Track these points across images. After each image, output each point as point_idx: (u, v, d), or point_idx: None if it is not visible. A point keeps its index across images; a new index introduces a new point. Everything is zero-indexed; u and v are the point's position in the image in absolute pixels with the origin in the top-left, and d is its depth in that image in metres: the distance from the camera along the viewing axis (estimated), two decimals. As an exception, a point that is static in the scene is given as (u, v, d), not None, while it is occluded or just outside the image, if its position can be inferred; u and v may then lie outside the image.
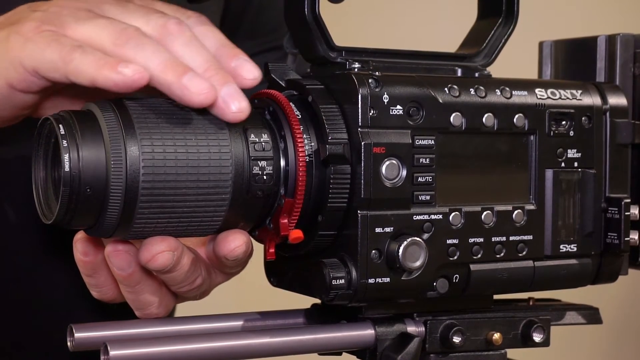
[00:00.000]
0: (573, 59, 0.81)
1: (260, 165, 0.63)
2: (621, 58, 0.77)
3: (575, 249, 0.72)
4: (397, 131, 0.65)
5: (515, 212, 0.70)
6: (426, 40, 1.35)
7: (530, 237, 0.70)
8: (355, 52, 0.69)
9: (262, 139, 0.64)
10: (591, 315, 0.78)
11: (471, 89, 0.69)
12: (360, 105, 0.64)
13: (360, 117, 0.64)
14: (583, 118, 0.73)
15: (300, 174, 0.64)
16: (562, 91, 0.72)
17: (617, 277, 0.76)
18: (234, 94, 0.62)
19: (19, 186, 0.79)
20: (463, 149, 0.68)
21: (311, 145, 0.64)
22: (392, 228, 0.65)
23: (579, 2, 2.02)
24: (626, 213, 0.73)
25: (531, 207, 0.71)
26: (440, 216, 0.67)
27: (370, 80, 0.65)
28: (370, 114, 0.64)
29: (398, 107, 0.65)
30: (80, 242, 0.67)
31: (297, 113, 0.65)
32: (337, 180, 0.64)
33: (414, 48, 0.72)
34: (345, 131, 0.64)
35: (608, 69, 0.77)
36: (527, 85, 0.71)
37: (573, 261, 0.73)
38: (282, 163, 0.64)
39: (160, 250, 0.63)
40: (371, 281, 0.64)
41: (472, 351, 0.71)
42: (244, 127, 0.64)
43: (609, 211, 0.74)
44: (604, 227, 0.74)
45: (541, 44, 0.83)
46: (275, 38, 1.00)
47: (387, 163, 0.65)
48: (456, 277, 0.68)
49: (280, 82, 0.68)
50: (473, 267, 0.68)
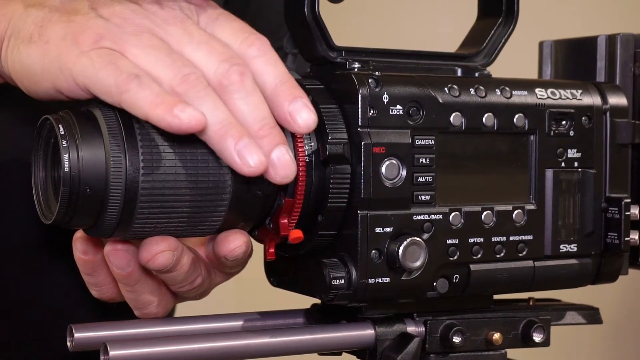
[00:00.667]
0: (573, 59, 0.81)
1: None
2: (621, 58, 0.77)
3: (575, 249, 0.72)
4: (397, 131, 0.65)
5: (515, 212, 0.70)
6: (426, 40, 1.35)
7: (530, 237, 0.70)
8: (355, 52, 0.69)
9: None
10: (591, 315, 0.78)
11: (471, 89, 0.69)
12: (360, 105, 0.64)
13: (360, 117, 0.64)
14: (583, 118, 0.73)
15: (300, 174, 0.64)
16: (562, 91, 0.72)
17: (617, 277, 0.76)
18: (283, 160, 0.60)
19: (19, 186, 0.79)
20: (463, 149, 0.68)
21: (311, 145, 0.64)
22: (392, 228, 0.65)
23: (579, 2, 2.02)
24: (626, 213, 0.73)
25: (531, 207, 0.71)
26: (440, 216, 0.67)
27: (370, 80, 0.65)
28: (370, 114, 0.64)
29: (398, 107, 0.65)
30: (79, 241, 0.67)
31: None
32: (337, 180, 0.64)
33: (414, 48, 0.72)
34: (345, 131, 0.64)
35: (608, 69, 0.77)
36: (527, 85, 0.71)
37: (573, 261, 0.73)
38: (282, 163, 0.64)
39: (160, 250, 0.63)
40: (371, 281, 0.64)
41: (472, 351, 0.71)
42: (244, 127, 0.63)
43: (609, 211, 0.73)
44: (604, 227, 0.74)
45: (541, 44, 0.83)
46: (274, 40, 1.00)
47: (387, 163, 0.65)
48: (456, 277, 0.68)
49: (280, 82, 0.68)
50: (473, 267, 0.68)
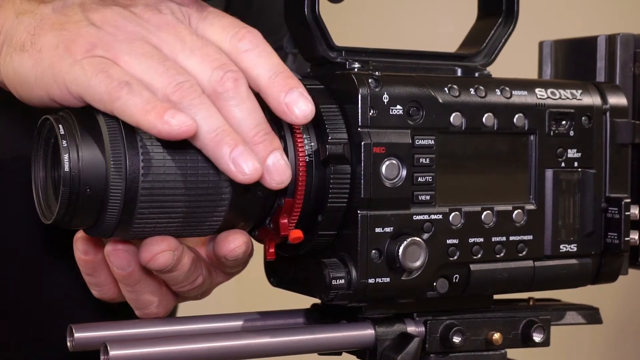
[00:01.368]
0: (573, 59, 0.81)
1: None
2: (621, 58, 0.77)
3: (575, 249, 0.72)
4: (397, 131, 0.65)
5: (515, 212, 0.70)
6: (426, 40, 1.35)
7: (530, 237, 0.70)
8: (355, 52, 0.69)
9: None
10: (591, 315, 0.78)
11: (471, 89, 0.69)
12: (360, 105, 0.64)
13: (360, 117, 0.64)
14: (583, 118, 0.73)
15: (300, 174, 0.64)
16: (562, 91, 0.72)
17: (617, 277, 0.76)
18: (278, 166, 0.60)
19: (19, 186, 0.79)
20: (463, 149, 0.68)
21: (311, 145, 0.64)
22: (392, 228, 0.65)
23: (579, 2, 2.02)
24: (626, 213, 0.73)
25: (531, 207, 0.71)
26: (440, 216, 0.67)
27: (370, 80, 0.65)
28: (370, 114, 0.64)
29: (398, 107, 0.65)
30: (80, 241, 0.67)
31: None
32: (337, 180, 0.64)
33: (414, 48, 0.72)
34: (345, 131, 0.64)
35: (608, 69, 0.77)
36: (527, 85, 0.71)
37: (573, 261, 0.73)
38: (282, 163, 0.64)
39: (160, 250, 0.63)
40: (371, 281, 0.64)
41: (472, 351, 0.71)
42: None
43: (609, 211, 0.73)
44: (604, 227, 0.74)
45: (541, 44, 0.83)
46: (275, 40, 1.00)
47: (387, 163, 0.65)
48: (456, 277, 0.68)
49: (280, 82, 0.68)
50: (473, 267, 0.68)
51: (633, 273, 0.78)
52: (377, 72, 0.66)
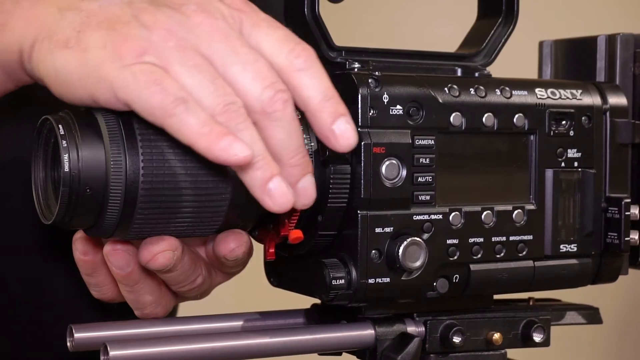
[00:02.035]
0: (573, 59, 0.81)
1: None
2: (621, 58, 0.77)
3: (575, 249, 0.72)
4: (397, 131, 0.65)
5: (515, 212, 0.70)
6: (426, 40, 1.35)
7: (530, 237, 0.70)
8: (355, 52, 0.69)
9: None
10: (591, 315, 0.78)
11: (471, 89, 0.69)
12: (360, 105, 0.64)
13: (360, 117, 0.64)
14: (583, 118, 0.73)
15: (300, 174, 0.64)
16: (562, 91, 0.72)
17: (617, 277, 0.76)
18: (309, 189, 0.60)
19: (19, 186, 0.79)
20: (463, 149, 0.68)
21: (311, 145, 0.64)
22: (392, 228, 0.65)
23: (579, 2, 2.02)
24: (626, 213, 0.73)
25: (531, 207, 0.71)
26: (440, 216, 0.67)
27: (370, 80, 0.65)
28: (370, 114, 0.64)
29: (398, 107, 0.65)
30: (79, 242, 0.67)
31: (297, 113, 0.65)
32: (337, 180, 0.64)
33: (414, 48, 0.72)
34: (345, 131, 0.64)
35: (608, 69, 0.77)
36: (527, 85, 0.71)
37: (573, 261, 0.73)
38: (282, 163, 0.64)
39: (160, 250, 0.63)
40: (371, 281, 0.64)
41: (472, 351, 0.71)
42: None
43: (609, 211, 0.73)
44: (604, 227, 0.74)
45: (541, 44, 0.83)
46: None
47: (387, 163, 0.65)
48: (456, 277, 0.68)
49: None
50: (473, 267, 0.68)
51: (633, 273, 0.78)
52: (377, 72, 0.66)
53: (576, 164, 0.72)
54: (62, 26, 0.60)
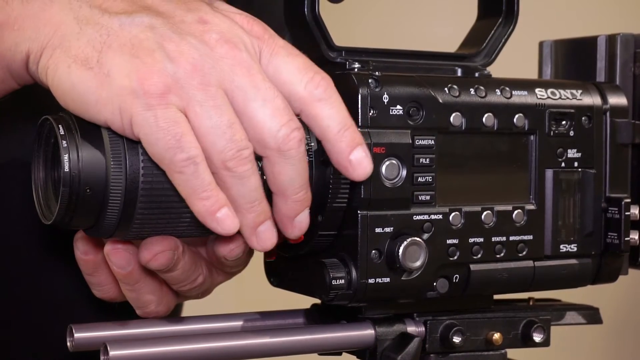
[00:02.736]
0: (573, 59, 0.81)
1: (260, 165, 0.63)
2: (621, 58, 0.77)
3: (575, 249, 0.72)
4: (397, 131, 0.65)
5: (515, 212, 0.70)
6: (426, 40, 1.35)
7: (530, 237, 0.70)
8: (355, 52, 0.69)
9: None
10: (591, 315, 0.78)
11: (471, 89, 0.68)
12: (360, 105, 0.64)
13: (360, 117, 0.64)
14: (583, 118, 0.73)
15: (300, 174, 0.64)
16: (562, 91, 0.72)
17: (617, 277, 0.76)
18: (304, 222, 0.63)
19: (19, 186, 0.79)
20: (463, 149, 0.68)
21: (311, 145, 0.64)
22: (392, 228, 0.65)
23: (579, 2, 2.01)
24: (626, 213, 0.73)
25: (531, 207, 0.71)
26: (440, 216, 0.67)
27: (370, 80, 0.65)
28: (370, 114, 0.64)
29: (398, 107, 0.65)
30: (80, 241, 0.67)
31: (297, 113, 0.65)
32: (337, 180, 0.64)
33: (414, 48, 0.72)
34: (345, 131, 0.64)
35: (608, 69, 0.77)
36: (527, 85, 0.71)
37: (573, 261, 0.73)
38: (283, 163, 0.64)
39: (160, 249, 0.63)
40: (371, 281, 0.64)
41: (472, 351, 0.71)
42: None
43: (609, 211, 0.73)
44: (604, 227, 0.74)
45: (541, 44, 0.83)
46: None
47: (387, 163, 0.65)
48: (456, 277, 0.68)
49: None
50: (473, 267, 0.68)
51: (633, 273, 0.78)
52: (377, 72, 0.66)
53: (576, 164, 0.72)
54: (81, 42, 0.60)
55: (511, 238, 0.70)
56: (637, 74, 0.77)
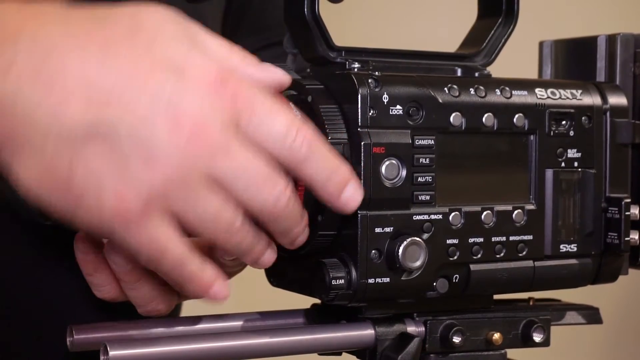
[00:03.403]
0: (573, 59, 0.81)
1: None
2: (621, 58, 0.77)
3: (575, 249, 0.72)
4: (397, 131, 0.65)
5: (515, 212, 0.70)
6: (426, 40, 1.35)
7: (530, 237, 0.70)
8: (355, 52, 0.69)
9: None
10: (591, 315, 0.78)
11: (471, 89, 0.68)
12: (360, 105, 0.64)
13: (360, 117, 0.64)
14: (583, 118, 0.73)
15: (300, 174, 0.64)
16: (562, 91, 0.72)
17: (617, 277, 0.76)
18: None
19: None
20: (463, 149, 0.68)
21: (311, 145, 0.64)
22: (392, 228, 0.65)
23: (579, 2, 2.01)
24: (626, 213, 0.73)
25: (531, 207, 0.71)
26: (440, 216, 0.67)
27: (370, 80, 0.65)
28: (370, 114, 0.64)
29: (398, 107, 0.65)
30: (80, 241, 0.67)
31: (297, 113, 0.65)
32: (337, 180, 0.64)
33: (414, 48, 0.72)
34: (344, 131, 0.64)
35: (608, 69, 0.77)
36: (527, 85, 0.71)
37: (573, 261, 0.73)
38: (282, 163, 0.64)
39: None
40: (371, 281, 0.64)
41: (472, 351, 0.71)
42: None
43: (609, 211, 0.73)
44: (604, 227, 0.74)
45: (541, 44, 0.83)
46: (278, 33, 1.00)
47: (387, 163, 0.65)
48: (456, 277, 0.68)
49: (280, 82, 0.68)
50: (473, 267, 0.68)
51: (633, 273, 0.78)
52: (377, 72, 0.66)
53: (576, 164, 0.72)
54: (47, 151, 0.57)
55: (511, 238, 0.70)
56: (637, 74, 0.77)
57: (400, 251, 0.64)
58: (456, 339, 0.70)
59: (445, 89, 0.67)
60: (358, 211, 0.64)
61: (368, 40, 0.80)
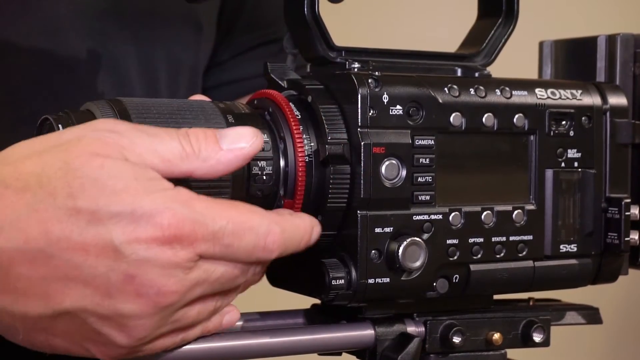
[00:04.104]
0: (573, 59, 0.81)
1: (259, 165, 0.63)
2: (621, 58, 0.77)
3: (575, 249, 0.72)
4: (397, 131, 0.65)
5: (515, 212, 0.70)
6: (426, 40, 1.35)
7: (530, 237, 0.70)
8: (355, 52, 0.69)
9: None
10: (591, 315, 0.78)
11: (471, 89, 0.68)
12: (359, 105, 0.64)
13: (359, 117, 0.64)
14: (583, 118, 0.73)
15: (299, 174, 0.64)
16: (562, 91, 0.72)
17: (617, 277, 0.76)
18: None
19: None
20: (463, 149, 0.68)
21: (311, 145, 0.64)
22: (392, 228, 0.65)
23: (579, 2, 2.01)
24: (626, 213, 0.73)
25: (531, 207, 0.71)
26: (440, 216, 0.67)
27: (369, 80, 0.65)
28: (369, 114, 0.64)
29: (398, 107, 0.65)
30: None
31: (297, 113, 0.65)
32: (337, 180, 0.64)
33: (414, 48, 0.72)
34: (344, 131, 0.64)
35: (608, 69, 0.77)
36: (527, 85, 0.71)
37: (573, 261, 0.73)
38: (282, 163, 0.64)
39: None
40: (371, 281, 0.64)
41: (472, 351, 0.71)
42: (244, 128, 0.63)
43: (609, 211, 0.73)
44: (604, 227, 0.74)
45: (541, 44, 0.83)
46: (273, 31, 1.00)
47: (387, 163, 0.65)
48: (456, 277, 0.68)
49: (280, 83, 0.68)
50: (473, 267, 0.68)
51: (633, 273, 0.78)
52: (377, 72, 0.66)
53: (576, 164, 0.72)
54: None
55: (511, 238, 0.70)
56: (637, 74, 0.77)
57: (400, 251, 0.64)
58: (456, 339, 0.70)
59: (445, 89, 0.67)
60: (358, 211, 0.64)
61: (368, 40, 0.80)
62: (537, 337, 0.72)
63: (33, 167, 0.56)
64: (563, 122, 0.72)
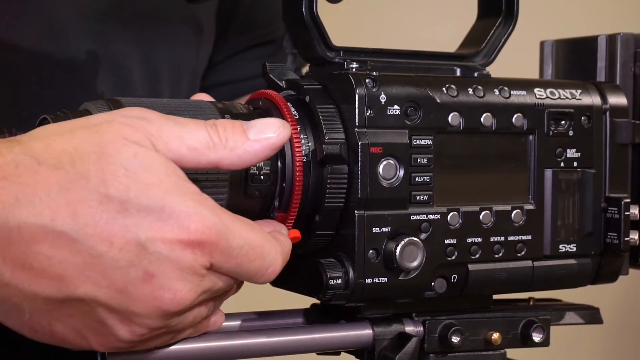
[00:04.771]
0: (574, 59, 0.81)
1: (257, 165, 0.63)
2: (621, 57, 0.77)
3: (574, 249, 0.72)
4: (395, 131, 0.65)
5: (514, 212, 0.70)
6: (425, 40, 1.35)
7: (529, 237, 0.70)
8: (353, 52, 0.69)
9: None
10: (591, 315, 0.78)
11: (469, 89, 0.68)
12: (357, 105, 0.64)
13: (357, 117, 0.64)
14: (582, 118, 0.73)
15: (297, 174, 0.64)
16: (561, 91, 0.72)
17: (617, 277, 0.76)
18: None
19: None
20: (461, 149, 0.68)
21: (308, 145, 0.64)
22: (390, 228, 0.65)
23: (579, 2, 2.01)
24: (626, 213, 0.73)
25: (530, 207, 0.71)
26: (438, 216, 0.67)
27: (367, 80, 0.65)
28: (367, 114, 0.64)
29: (395, 107, 0.65)
30: None
31: (295, 113, 0.65)
32: (334, 180, 0.64)
33: (413, 48, 0.72)
34: (342, 131, 0.64)
35: (608, 69, 0.77)
36: (526, 85, 0.71)
37: (572, 261, 0.73)
38: (279, 163, 0.64)
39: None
40: (368, 281, 0.64)
41: (471, 351, 0.71)
42: (242, 127, 0.63)
43: (609, 211, 0.73)
44: (604, 227, 0.74)
45: (542, 44, 0.83)
46: (269, 31, 1.00)
47: (385, 163, 0.64)
48: (454, 277, 0.68)
49: (278, 83, 0.68)
50: (471, 267, 0.68)
51: (633, 273, 0.78)
52: (375, 72, 0.66)
53: (575, 164, 0.72)
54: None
55: (510, 238, 0.70)
56: (637, 74, 0.77)
57: (397, 251, 0.64)
58: (455, 339, 0.69)
59: (443, 89, 0.67)
60: (356, 211, 0.64)
61: (367, 40, 0.80)
62: (537, 337, 0.72)
63: (65, 145, 0.56)
64: (562, 122, 0.72)
